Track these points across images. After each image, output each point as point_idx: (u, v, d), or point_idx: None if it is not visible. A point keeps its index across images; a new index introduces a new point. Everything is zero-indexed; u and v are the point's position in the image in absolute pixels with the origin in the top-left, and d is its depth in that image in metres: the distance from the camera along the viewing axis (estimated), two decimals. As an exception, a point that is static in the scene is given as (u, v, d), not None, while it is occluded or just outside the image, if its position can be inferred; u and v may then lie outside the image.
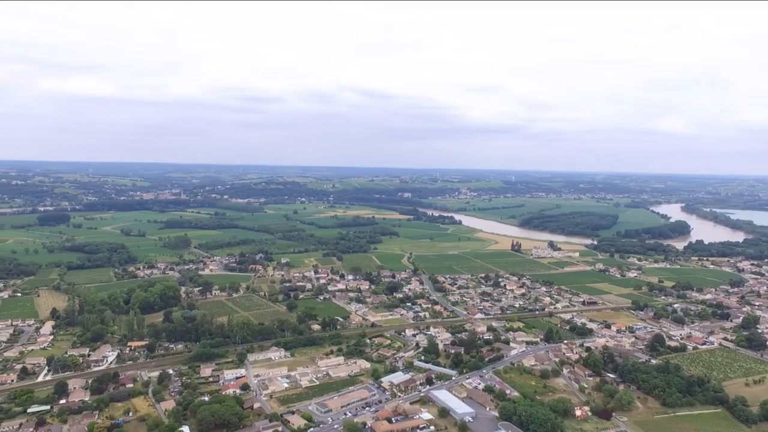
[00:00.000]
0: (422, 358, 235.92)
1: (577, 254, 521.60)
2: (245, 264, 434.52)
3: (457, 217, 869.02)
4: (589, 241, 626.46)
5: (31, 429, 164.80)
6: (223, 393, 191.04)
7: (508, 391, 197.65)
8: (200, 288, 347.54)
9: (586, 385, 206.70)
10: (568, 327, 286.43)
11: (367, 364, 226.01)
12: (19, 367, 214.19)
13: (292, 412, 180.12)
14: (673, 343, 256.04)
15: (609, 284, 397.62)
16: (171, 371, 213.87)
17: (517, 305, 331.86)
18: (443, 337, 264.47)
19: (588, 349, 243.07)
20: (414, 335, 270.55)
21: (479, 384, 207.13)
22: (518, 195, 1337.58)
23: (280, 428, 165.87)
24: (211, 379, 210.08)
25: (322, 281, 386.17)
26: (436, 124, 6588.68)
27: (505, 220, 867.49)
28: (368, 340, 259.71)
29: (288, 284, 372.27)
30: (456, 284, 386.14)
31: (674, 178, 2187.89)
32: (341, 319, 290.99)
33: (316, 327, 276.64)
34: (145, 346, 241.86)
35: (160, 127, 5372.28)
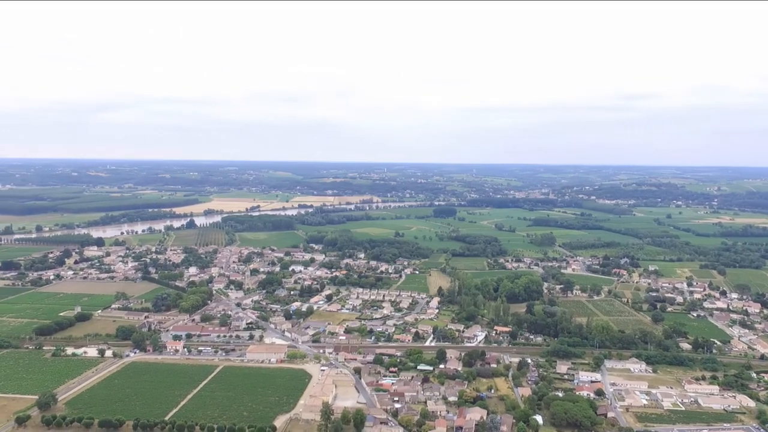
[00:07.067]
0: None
1: None
2: (608, 267, 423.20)
3: None
4: None
5: (419, 383, 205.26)
6: (577, 393, 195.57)
7: None
8: (562, 286, 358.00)
9: None
10: None
11: (750, 402, 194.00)
12: (413, 330, 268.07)
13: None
14: None
15: None
16: (529, 360, 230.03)
17: None
18: None
19: None
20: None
21: None
22: None
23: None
24: (565, 377, 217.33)
25: (697, 296, 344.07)
26: None
27: None
28: (754, 374, 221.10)
29: (654, 294, 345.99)
30: None
31: None
32: (718, 343, 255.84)
33: (685, 346, 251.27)
34: (508, 332, 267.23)
35: (533, 130, 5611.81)
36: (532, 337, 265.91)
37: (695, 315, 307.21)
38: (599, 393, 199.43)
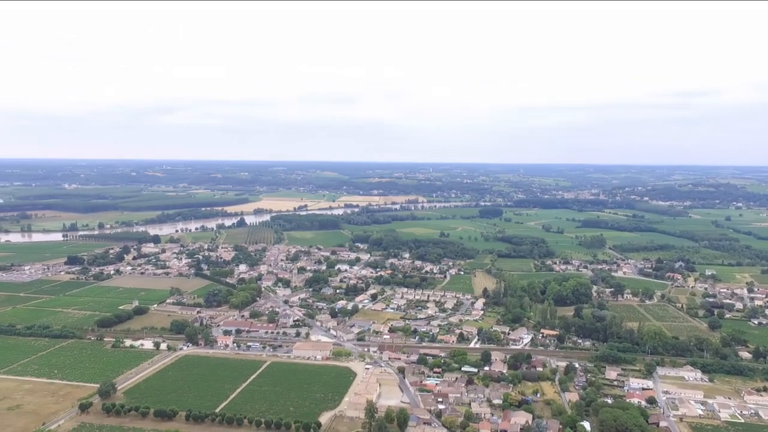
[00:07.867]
0: None
1: None
2: (662, 271, 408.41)
3: None
4: None
5: (463, 384, 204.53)
6: (627, 400, 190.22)
7: None
8: (612, 289, 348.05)
9: None
10: None
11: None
12: (458, 332, 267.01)
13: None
14: None
15: None
16: (577, 365, 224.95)
17: None
18: None
19: None
20: None
21: None
22: None
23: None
24: (615, 383, 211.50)
25: (758, 302, 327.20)
26: None
27: None
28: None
29: (712, 299, 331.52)
30: None
31: None
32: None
33: (745, 354, 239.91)
34: (555, 335, 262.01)
35: (583, 129, 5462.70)
36: (580, 341, 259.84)
37: (756, 322, 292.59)
38: (651, 401, 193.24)
